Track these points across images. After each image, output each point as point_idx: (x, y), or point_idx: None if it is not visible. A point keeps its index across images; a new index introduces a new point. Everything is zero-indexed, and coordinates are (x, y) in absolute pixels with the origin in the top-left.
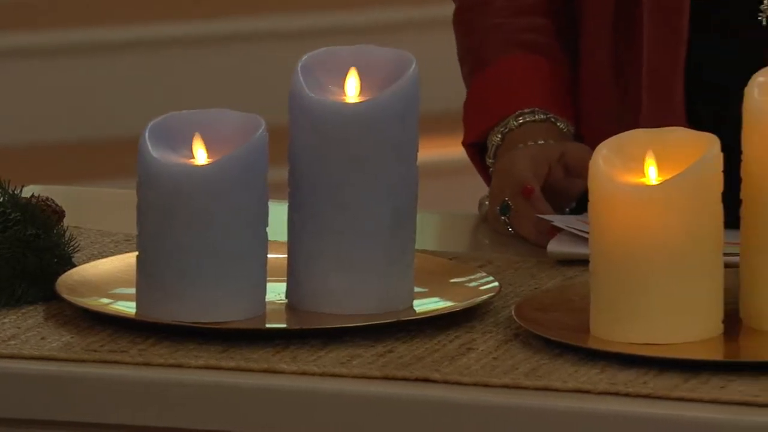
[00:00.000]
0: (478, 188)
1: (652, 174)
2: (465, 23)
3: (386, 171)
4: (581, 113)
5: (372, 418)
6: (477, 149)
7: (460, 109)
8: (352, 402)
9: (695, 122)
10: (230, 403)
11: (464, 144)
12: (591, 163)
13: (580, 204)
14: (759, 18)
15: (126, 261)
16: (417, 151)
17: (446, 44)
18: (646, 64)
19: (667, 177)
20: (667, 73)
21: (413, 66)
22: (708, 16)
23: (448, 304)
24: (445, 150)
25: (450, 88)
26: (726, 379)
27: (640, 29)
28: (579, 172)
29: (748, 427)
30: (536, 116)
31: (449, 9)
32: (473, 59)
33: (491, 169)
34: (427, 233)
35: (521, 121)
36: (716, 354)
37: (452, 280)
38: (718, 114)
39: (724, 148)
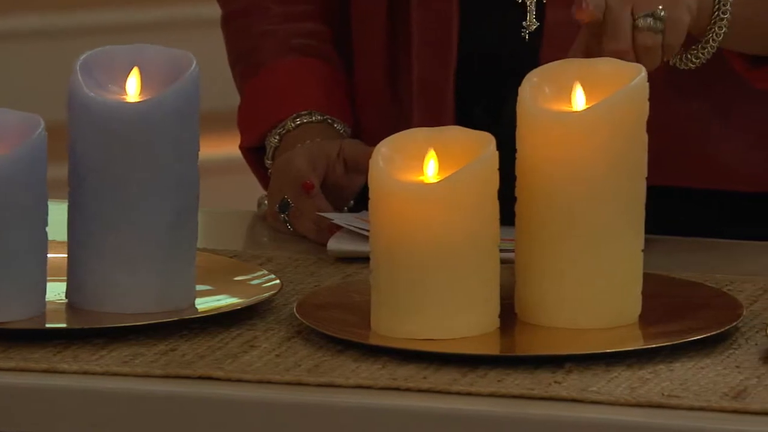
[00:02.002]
0: (258, 186)
1: (431, 172)
2: (236, 28)
3: (167, 170)
4: (358, 117)
5: (155, 416)
6: (254, 153)
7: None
8: (135, 401)
9: (469, 125)
10: (10, 404)
11: (241, 148)
12: (371, 162)
13: (359, 202)
14: (522, 34)
15: None
16: (198, 149)
17: None
18: (417, 72)
19: (446, 175)
20: (438, 81)
21: (193, 65)
22: (476, 22)
23: (230, 301)
24: (225, 148)
25: (231, 87)
26: (503, 373)
27: (410, 39)
28: (357, 167)
29: (524, 419)
30: (313, 117)
31: None
32: (246, 64)
33: (269, 171)
34: (208, 231)
35: (298, 122)
36: (493, 349)
37: (234, 278)
38: (492, 113)
39: (500, 146)
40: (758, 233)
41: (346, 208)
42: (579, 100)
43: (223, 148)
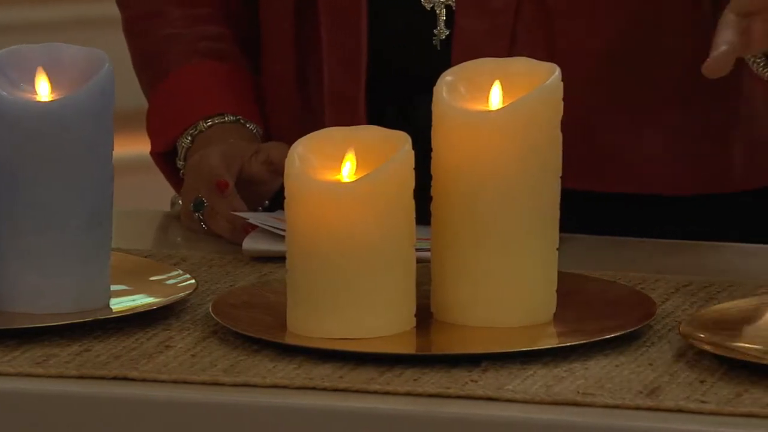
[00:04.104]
0: (170, 186)
1: (347, 171)
2: (139, 33)
3: (81, 169)
4: (268, 119)
5: (70, 417)
6: (165, 157)
7: None
8: (50, 401)
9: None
10: None
11: (152, 153)
12: (287, 161)
13: (274, 201)
14: (433, 41)
15: None
16: (112, 149)
17: None
18: (327, 81)
19: (362, 174)
20: (349, 89)
21: (107, 64)
22: (386, 30)
23: (145, 301)
24: (139, 147)
25: None
26: (419, 372)
27: (320, 46)
28: (281, 170)
29: (441, 418)
30: (226, 118)
31: None
32: (152, 69)
33: (182, 172)
34: (121, 231)
35: (210, 123)
36: (409, 348)
37: (149, 278)
38: (405, 120)
39: (415, 147)
40: (672, 235)
41: (260, 207)
42: (494, 100)
43: (137, 147)
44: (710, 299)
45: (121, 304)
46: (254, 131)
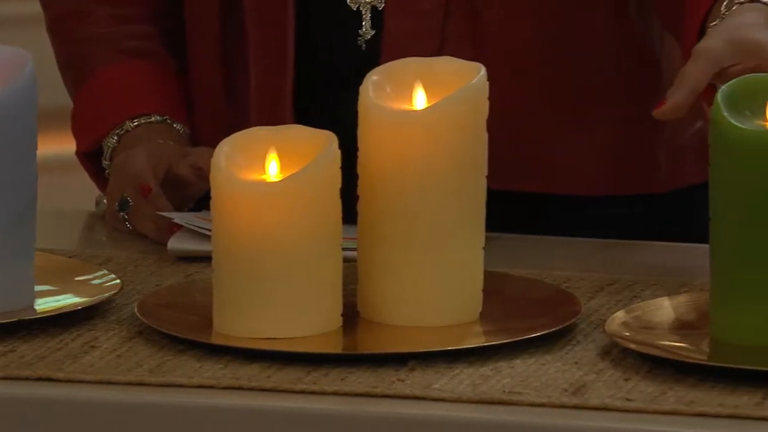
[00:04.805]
0: (95, 185)
1: (273, 171)
2: (64, 33)
3: (4, 169)
4: (194, 118)
5: None
6: (90, 158)
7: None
8: None
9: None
10: None
11: (77, 154)
12: (213, 161)
13: (199, 201)
14: (358, 42)
15: None
16: (36, 148)
17: None
18: (254, 80)
19: (288, 174)
20: (276, 90)
21: (29, 64)
22: (313, 30)
23: (71, 302)
24: (63, 146)
25: None
26: (346, 372)
27: (246, 46)
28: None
29: (368, 417)
30: (152, 118)
31: None
32: (77, 69)
33: (107, 171)
34: (45, 231)
35: (136, 123)
36: (336, 347)
37: (74, 278)
38: (332, 120)
39: (341, 147)
40: (597, 235)
41: (186, 208)
42: (420, 99)
43: (62, 146)
44: (634, 298)
45: (45, 304)
46: (181, 131)
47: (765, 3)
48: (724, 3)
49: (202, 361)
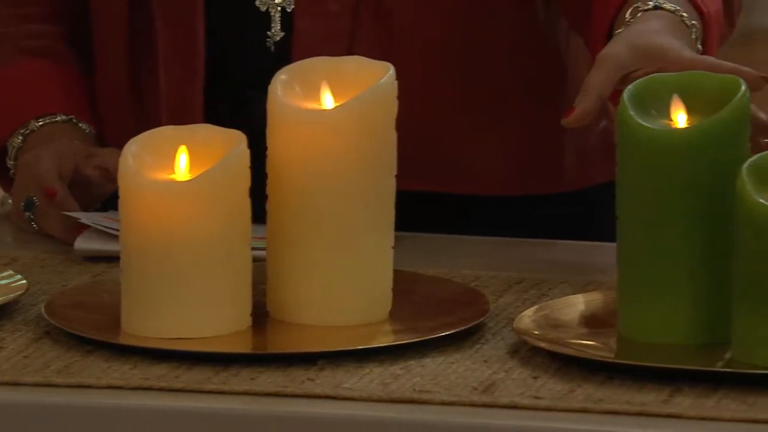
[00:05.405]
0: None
1: (181, 170)
2: None
3: None
4: (101, 119)
5: None
6: None
7: None
8: None
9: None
10: None
11: None
12: (121, 160)
13: (107, 201)
14: (267, 43)
15: None
16: None
17: None
18: (163, 82)
19: (197, 173)
20: (185, 91)
21: None
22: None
23: None
24: None
25: None
26: (256, 371)
27: (155, 47)
28: (115, 177)
29: (278, 417)
30: (58, 118)
31: None
32: None
33: (12, 171)
34: None
35: (41, 123)
36: (246, 347)
37: None
38: (241, 113)
39: (251, 146)
40: (504, 234)
41: (93, 208)
42: (328, 99)
43: None
44: (542, 296)
45: None
46: (87, 131)
47: (668, 10)
48: (629, 10)
49: (111, 362)
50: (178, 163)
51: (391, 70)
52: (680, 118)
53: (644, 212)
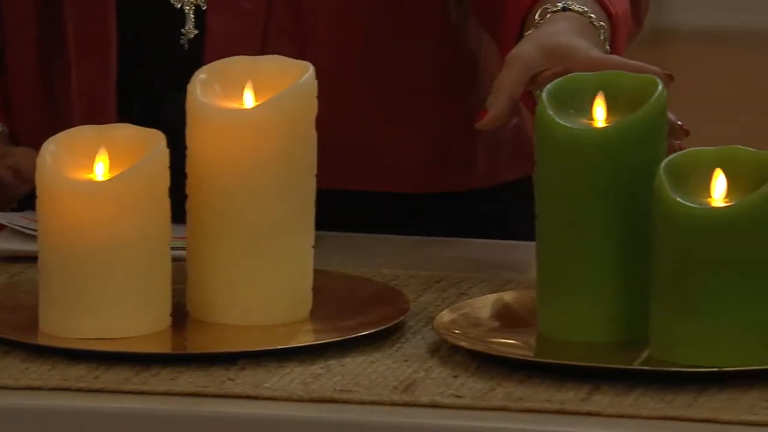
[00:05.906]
0: None
1: (100, 170)
2: None
3: None
4: (12, 117)
5: None
6: None
7: None
8: None
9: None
10: None
11: None
12: (38, 159)
13: (23, 201)
14: (181, 41)
15: None
16: None
17: None
18: (75, 81)
19: (116, 173)
20: (98, 89)
21: None
22: (135, 29)
23: None
24: None
25: None
26: (176, 371)
27: (66, 44)
28: (30, 177)
29: (198, 417)
30: None
31: None
32: None
33: None
34: None
35: None
36: (165, 347)
37: None
38: (157, 112)
39: (170, 146)
40: (424, 233)
41: (9, 208)
42: (248, 98)
43: None
44: (462, 295)
45: None
46: (0, 130)
47: (577, 12)
48: (538, 12)
49: (28, 362)
50: (97, 163)
51: (310, 70)
52: (599, 115)
53: (563, 211)
